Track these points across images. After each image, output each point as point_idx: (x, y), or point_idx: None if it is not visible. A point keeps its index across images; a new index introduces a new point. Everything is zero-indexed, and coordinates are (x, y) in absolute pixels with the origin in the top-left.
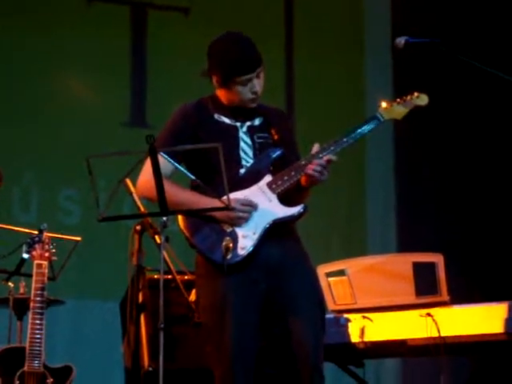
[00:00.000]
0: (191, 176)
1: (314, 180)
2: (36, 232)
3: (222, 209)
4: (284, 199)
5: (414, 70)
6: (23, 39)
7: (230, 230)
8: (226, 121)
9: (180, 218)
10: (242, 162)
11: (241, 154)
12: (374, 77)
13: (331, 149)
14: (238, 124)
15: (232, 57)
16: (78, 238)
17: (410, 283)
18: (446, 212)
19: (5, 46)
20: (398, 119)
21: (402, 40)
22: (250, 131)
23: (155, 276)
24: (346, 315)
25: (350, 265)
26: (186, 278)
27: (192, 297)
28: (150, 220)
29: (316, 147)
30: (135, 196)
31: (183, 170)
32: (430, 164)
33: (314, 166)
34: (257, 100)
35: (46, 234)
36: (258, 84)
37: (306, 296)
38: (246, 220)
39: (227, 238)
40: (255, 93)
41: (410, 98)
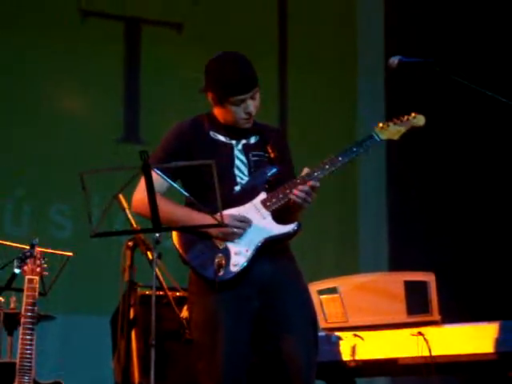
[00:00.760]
0: (185, 193)
1: (298, 205)
2: (27, 247)
3: (214, 226)
4: (278, 217)
5: (407, 90)
6: (16, 54)
7: (222, 246)
8: (222, 138)
9: (174, 235)
10: (237, 179)
11: (235, 172)
12: (367, 95)
13: (326, 167)
14: (233, 142)
15: (227, 77)
16: (70, 254)
17: (402, 302)
18: (438, 231)
19: None
20: (393, 139)
21: (395, 60)
22: (246, 149)
23: (147, 292)
24: (337, 333)
25: (342, 283)
26: (178, 294)
27: (184, 313)
28: (142, 236)
29: (305, 171)
30: (128, 212)
31: (177, 186)
32: (422, 184)
33: (298, 192)
34: (250, 120)
35: (37, 248)
36: (252, 105)
37: (299, 314)
38: (239, 235)
39: (220, 255)
40: (249, 113)
41: (406, 118)
